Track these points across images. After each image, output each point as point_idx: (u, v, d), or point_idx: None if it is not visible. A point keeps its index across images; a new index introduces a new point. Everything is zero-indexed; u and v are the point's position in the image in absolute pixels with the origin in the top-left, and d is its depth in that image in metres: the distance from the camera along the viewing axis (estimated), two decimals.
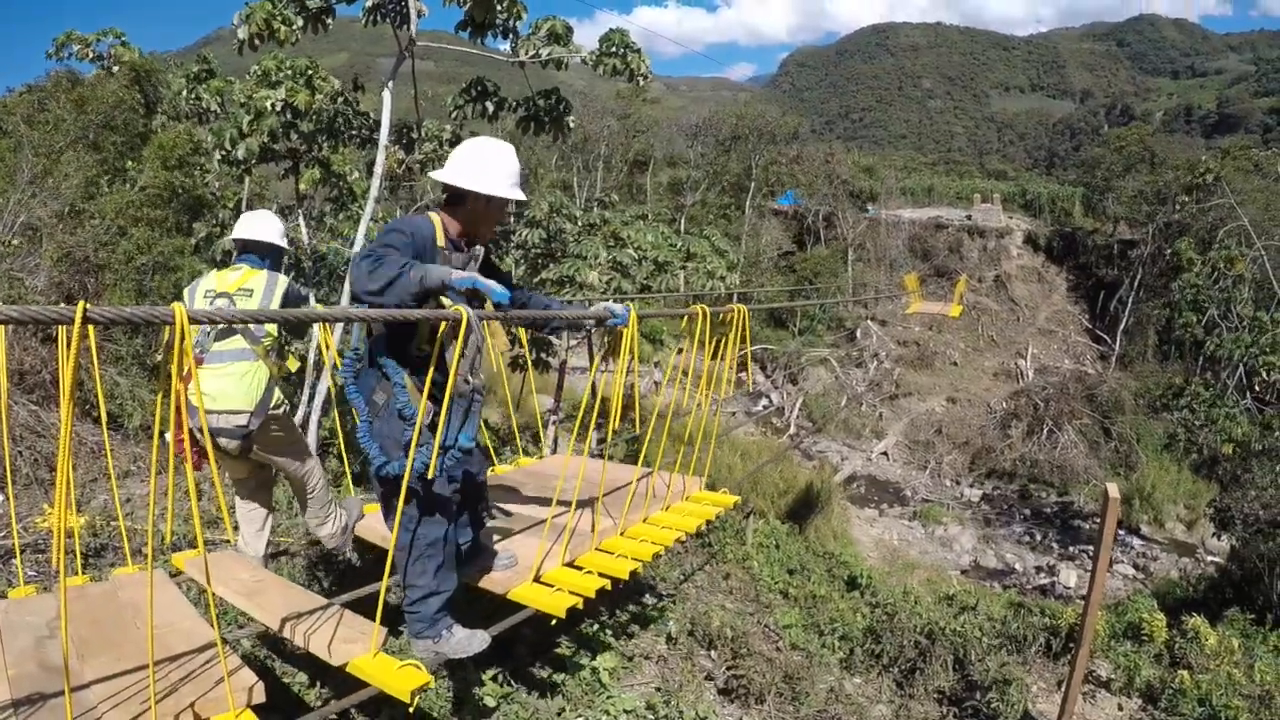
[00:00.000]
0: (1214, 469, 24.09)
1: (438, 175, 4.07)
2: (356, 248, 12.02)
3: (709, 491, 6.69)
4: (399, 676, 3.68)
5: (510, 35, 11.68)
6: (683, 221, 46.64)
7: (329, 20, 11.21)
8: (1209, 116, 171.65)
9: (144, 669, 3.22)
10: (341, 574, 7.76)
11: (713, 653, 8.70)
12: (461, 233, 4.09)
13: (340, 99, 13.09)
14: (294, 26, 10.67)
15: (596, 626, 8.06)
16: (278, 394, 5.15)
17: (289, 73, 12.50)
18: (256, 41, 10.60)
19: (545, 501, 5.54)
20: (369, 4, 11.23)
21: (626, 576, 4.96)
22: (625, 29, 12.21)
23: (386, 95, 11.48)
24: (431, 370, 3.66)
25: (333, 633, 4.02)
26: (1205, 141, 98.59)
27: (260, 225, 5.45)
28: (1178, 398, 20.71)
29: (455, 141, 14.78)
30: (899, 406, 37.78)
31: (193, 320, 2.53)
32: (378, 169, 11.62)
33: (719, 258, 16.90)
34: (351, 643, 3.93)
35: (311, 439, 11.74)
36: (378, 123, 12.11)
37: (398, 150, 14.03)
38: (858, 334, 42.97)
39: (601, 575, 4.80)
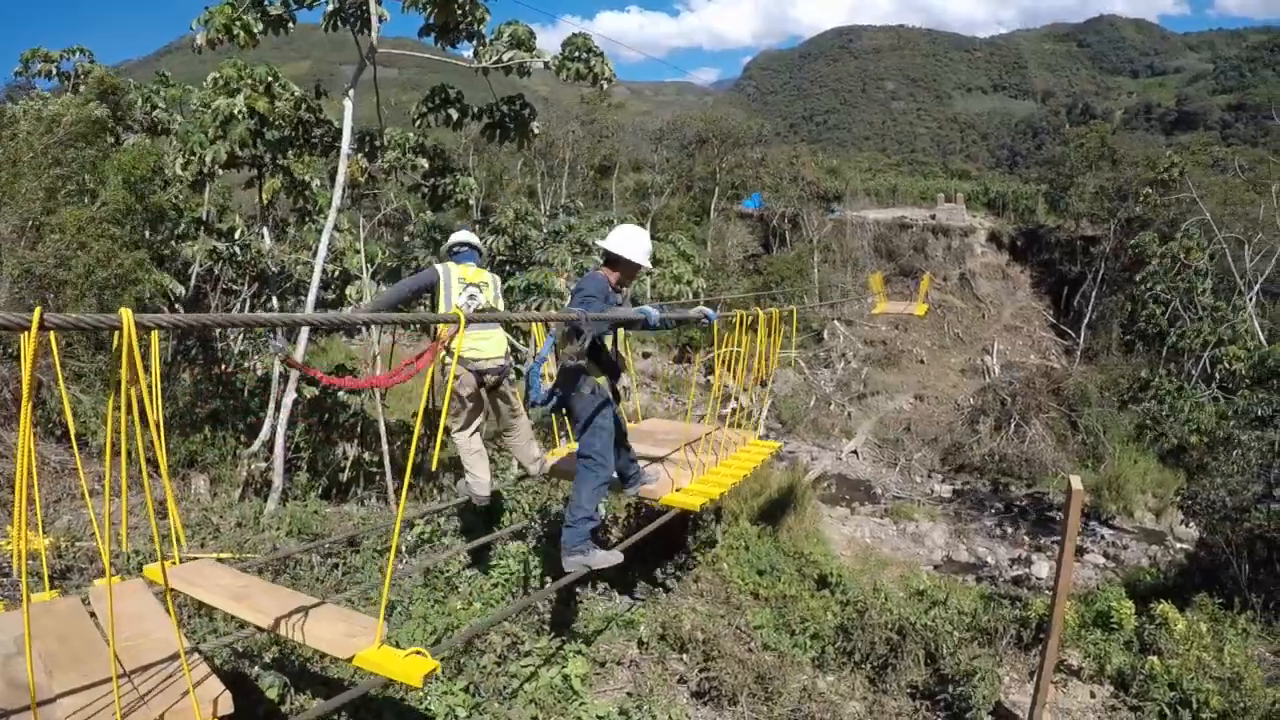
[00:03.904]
0: (1181, 458, 24.38)
1: (604, 244, 6.57)
2: (320, 258, 11.95)
3: (761, 440, 9.92)
4: (408, 665, 3.78)
5: (474, 40, 11.66)
6: (649, 226, 46.65)
7: (289, 24, 11.16)
8: (1168, 114, 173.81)
9: (112, 682, 3.19)
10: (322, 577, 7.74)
11: (684, 656, 8.71)
12: (617, 281, 6.58)
13: (303, 106, 13.03)
14: (254, 31, 10.63)
15: (565, 635, 8.07)
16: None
17: (249, 81, 12.44)
18: (215, 44, 10.57)
19: (658, 446, 8.65)
20: (329, 9, 11.20)
21: (726, 490, 7.88)
22: (588, 34, 12.24)
23: (348, 103, 11.44)
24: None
25: (333, 628, 4.04)
26: (1165, 138, 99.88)
27: (473, 235, 7.64)
28: (1144, 390, 20.99)
29: (419, 149, 14.75)
30: (867, 405, 37.94)
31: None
32: (340, 177, 11.58)
33: (685, 262, 16.95)
34: (354, 636, 3.96)
35: (279, 450, 11.68)
36: (340, 131, 12.06)
37: (360, 158, 13.98)
38: (825, 334, 43.13)
39: (711, 490, 7.57)
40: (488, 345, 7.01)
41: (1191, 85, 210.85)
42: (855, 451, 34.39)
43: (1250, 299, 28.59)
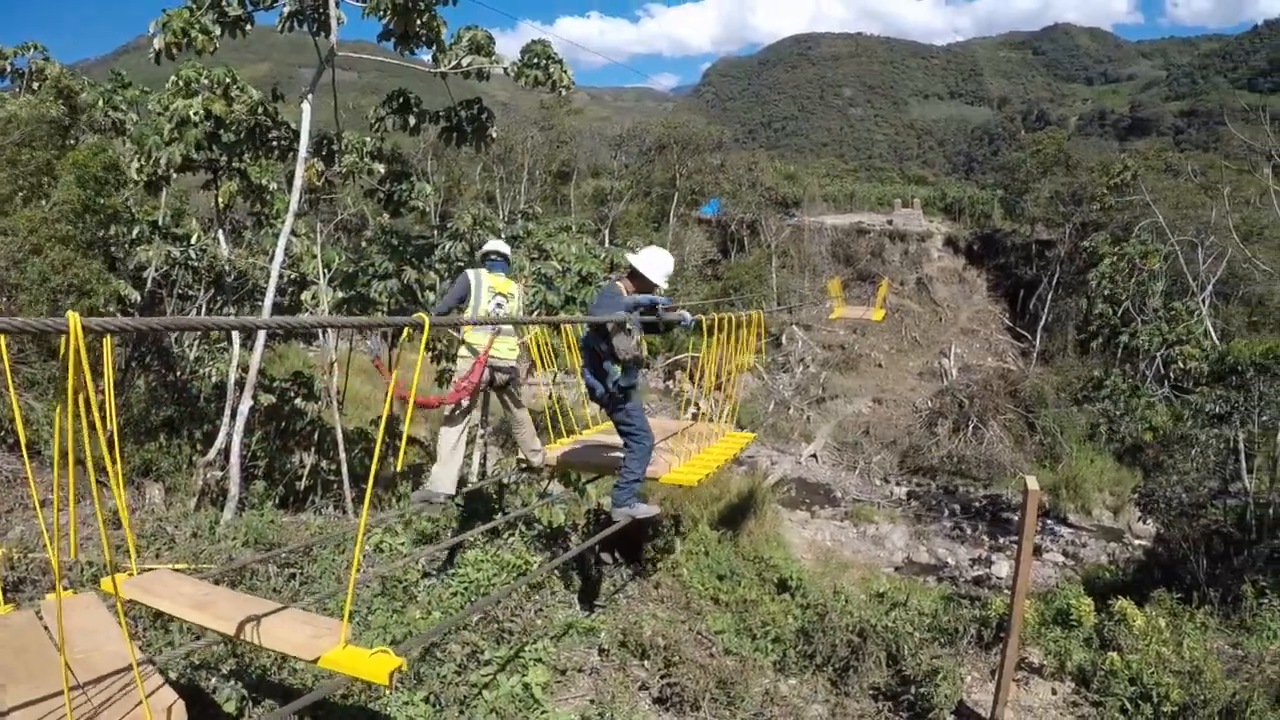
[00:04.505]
0: (1137, 456, 24.74)
1: (632, 259, 7.40)
2: (276, 263, 11.84)
3: (737, 431, 11.00)
4: (373, 663, 3.79)
5: (433, 45, 11.60)
6: (607, 232, 46.68)
7: (247, 27, 11.06)
8: (1122, 120, 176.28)
9: (68, 691, 3.15)
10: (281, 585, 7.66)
11: (646, 662, 8.70)
12: (633, 292, 7.32)
13: (260, 109, 12.90)
14: (212, 35, 10.52)
15: (526, 642, 8.03)
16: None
17: (207, 82, 12.30)
18: (174, 50, 10.44)
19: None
20: (287, 10, 11.10)
21: (711, 472, 8.87)
22: (547, 40, 12.24)
23: (306, 106, 11.34)
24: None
25: (297, 631, 4.02)
26: (1119, 144, 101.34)
27: (505, 244, 8.38)
28: (1098, 389, 21.32)
29: (376, 154, 14.66)
30: (826, 409, 38.17)
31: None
32: (297, 181, 11.48)
33: None
34: (320, 638, 3.94)
35: (235, 458, 11.55)
36: (297, 134, 11.95)
37: (318, 163, 13.86)
38: (783, 339, 43.30)
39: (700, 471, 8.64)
40: (504, 348, 7.88)
41: (1145, 92, 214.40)
42: (815, 455, 34.59)
43: (1203, 300, 29.08)
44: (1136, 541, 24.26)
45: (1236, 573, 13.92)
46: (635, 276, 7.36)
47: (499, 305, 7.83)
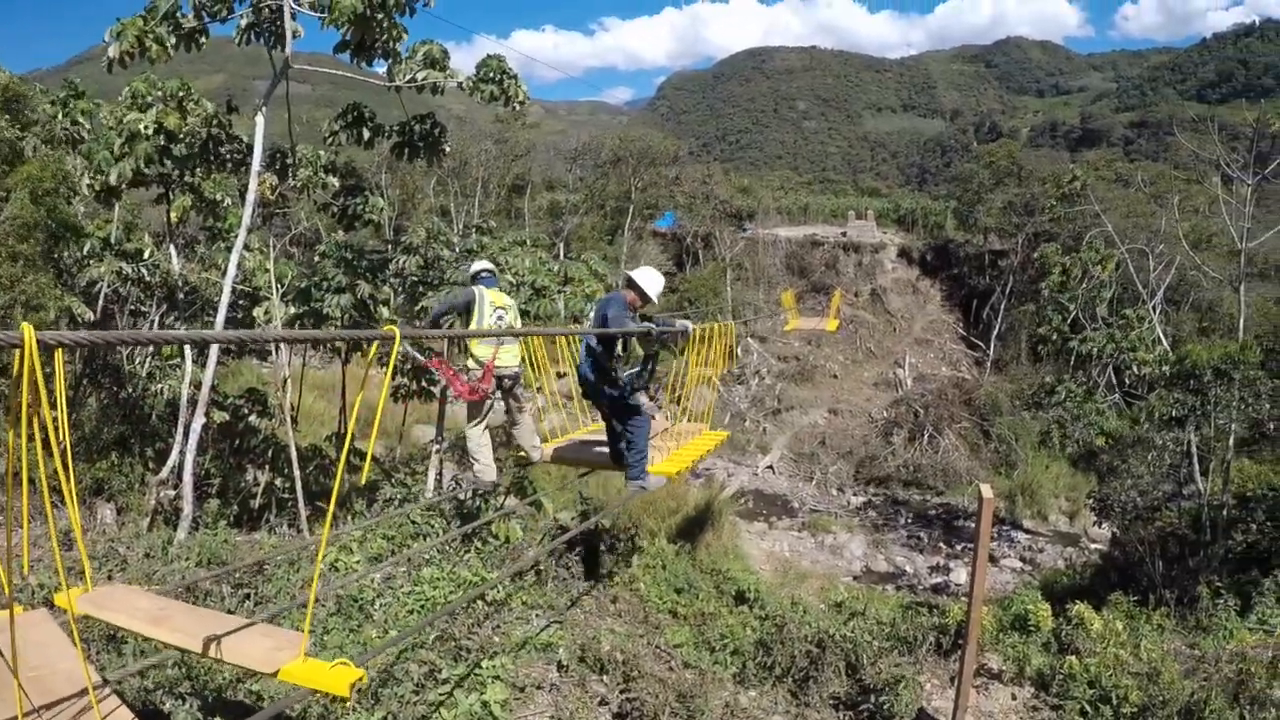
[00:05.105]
0: (1092, 461, 25.06)
1: (634, 274, 8.42)
2: (228, 278, 11.73)
3: (711, 431, 11.69)
4: (334, 675, 3.74)
5: (389, 58, 11.54)
6: (562, 245, 46.62)
7: (203, 40, 10.96)
8: (1073, 131, 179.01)
9: (22, 716, 3.10)
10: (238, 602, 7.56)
11: (605, 677, 8.68)
12: (631, 303, 8.28)
13: (214, 122, 12.78)
14: (167, 45, 10.41)
15: (483, 659, 7.99)
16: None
17: (160, 94, 12.16)
18: (127, 59, 10.32)
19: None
20: (244, 23, 11.02)
21: (689, 465, 10.31)
22: (502, 55, 12.21)
23: (259, 119, 11.25)
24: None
25: (256, 645, 3.96)
26: (1070, 155, 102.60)
27: (491, 263, 9.72)
28: (1050, 395, 21.63)
29: (330, 168, 14.57)
30: (782, 420, 38.33)
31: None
32: (250, 196, 11.38)
33: (597, 281, 16.94)
34: (280, 650, 3.89)
35: (188, 477, 11.42)
36: (250, 147, 11.85)
37: (271, 177, 13.75)
38: (739, 351, 43.44)
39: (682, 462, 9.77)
40: (508, 356, 8.79)
41: (1095, 104, 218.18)
42: (771, 466, 34.68)
43: (1154, 307, 29.59)
44: (1093, 545, 24.59)
45: (1192, 574, 14.17)
46: (633, 286, 8.39)
47: (499, 318, 8.77)
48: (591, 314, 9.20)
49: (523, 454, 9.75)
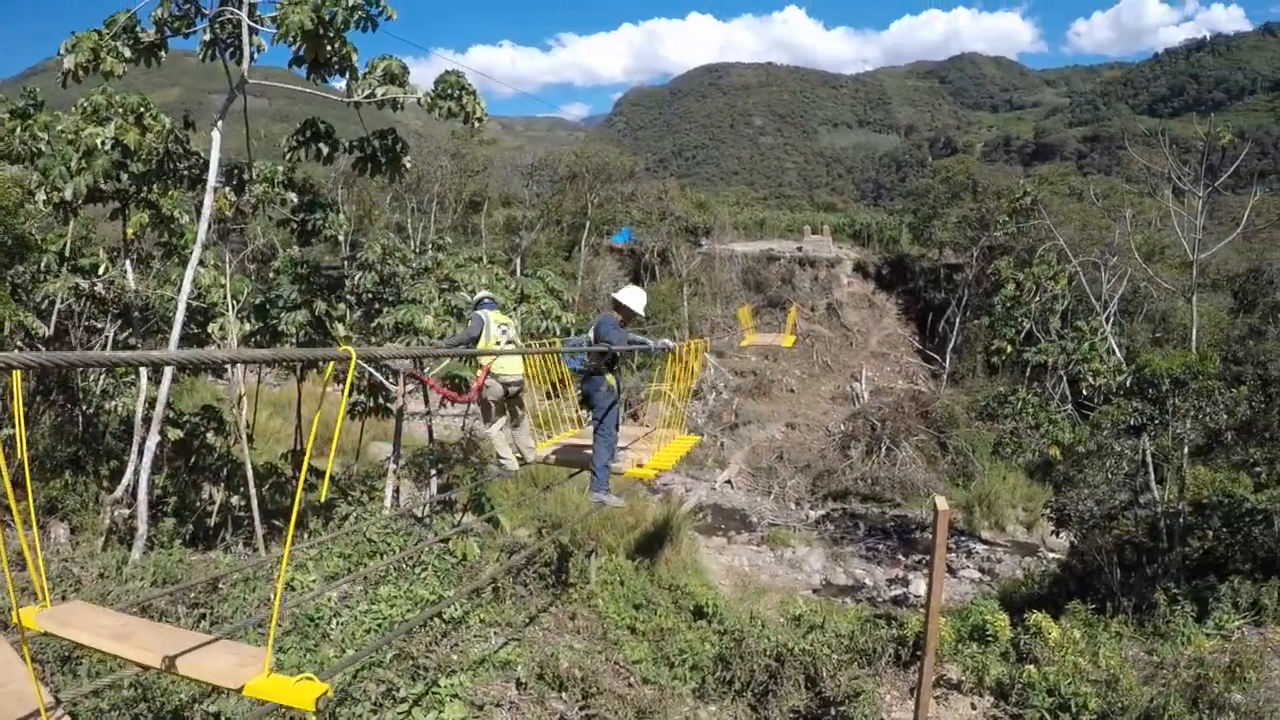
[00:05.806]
0: (1048, 472, 25.33)
1: (619, 295, 9.37)
2: (184, 294, 11.62)
3: (685, 435, 12.17)
4: (298, 690, 3.71)
5: (346, 73, 11.51)
6: (519, 261, 46.55)
7: (163, 54, 10.88)
8: (1027, 146, 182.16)
9: None
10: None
11: (564, 694, 8.68)
12: (620, 322, 9.18)
13: (171, 138, 12.67)
14: (123, 59, 10.33)
15: (441, 677, 7.96)
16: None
17: (119, 109, 12.05)
18: (82, 73, 10.23)
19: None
20: (206, 38, 10.95)
21: (669, 467, 10.57)
22: (460, 70, 12.21)
23: (216, 134, 11.18)
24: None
25: (220, 660, 3.94)
26: (1024, 169, 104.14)
27: (489, 291, 10.67)
28: (1003, 405, 21.87)
29: (288, 183, 14.49)
30: (740, 435, 38.41)
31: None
32: (206, 211, 11.30)
33: (553, 298, 16.92)
34: (244, 666, 3.87)
35: (142, 495, 11.29)
36: (207, 163, 11.77)
37: (228, 192, 13.66)
38: (695, 366, 43.45)
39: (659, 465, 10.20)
40: (511, 366, 9.61)
41: (1049, 119, 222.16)
42: (729, 481, 34.76)
43: (1107, 318, 29.99)
44: (1051, 555, 24.88)
45: (1150, 581, 14.37)
46: (620, 308, 9.30)
47: (504, 333, 9.68)
48: (591, 334, 9.64)
49: (519, 454, 10.24)
